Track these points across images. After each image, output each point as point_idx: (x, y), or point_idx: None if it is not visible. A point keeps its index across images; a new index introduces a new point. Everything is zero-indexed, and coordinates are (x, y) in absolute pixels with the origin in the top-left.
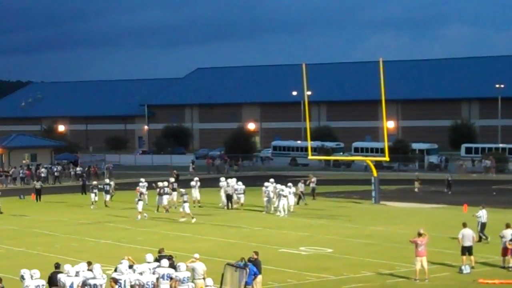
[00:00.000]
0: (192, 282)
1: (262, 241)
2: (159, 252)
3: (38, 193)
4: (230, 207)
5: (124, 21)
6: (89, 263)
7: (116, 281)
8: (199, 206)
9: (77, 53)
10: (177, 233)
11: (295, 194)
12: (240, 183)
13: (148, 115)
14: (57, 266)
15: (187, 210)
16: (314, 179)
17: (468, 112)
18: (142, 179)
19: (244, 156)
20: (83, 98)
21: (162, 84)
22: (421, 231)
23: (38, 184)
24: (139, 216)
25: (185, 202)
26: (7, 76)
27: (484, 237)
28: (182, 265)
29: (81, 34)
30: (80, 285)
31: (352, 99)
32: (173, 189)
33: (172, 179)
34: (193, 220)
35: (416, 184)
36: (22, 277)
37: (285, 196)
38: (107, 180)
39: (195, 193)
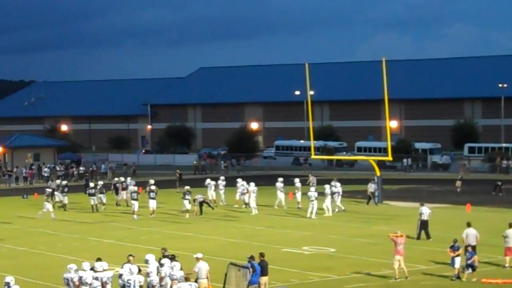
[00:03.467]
0: (196, 282)
1: (265, 240)
2: (163, 251)
3: (53, 193)
4: (200, 212)
5: (127, 21)
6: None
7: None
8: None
9: (80, 52)
10: (180, 232)
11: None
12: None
13: (151, 114)
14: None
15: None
16: (312, 179)
17: (471, 112)
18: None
19: (247, 155)
20: (86, 97)
21: (165, 84)
22: (399, 232)
23: (53, 184)
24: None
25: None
26: (10, 75)
27: (416, 235)
28: (177, 265)
29: (84, 34)
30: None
31: (355, 98)
32: (124, 188)
33: (122, 179)
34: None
35: (458, 183)
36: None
37: (333, 194)
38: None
39: (221, 192)
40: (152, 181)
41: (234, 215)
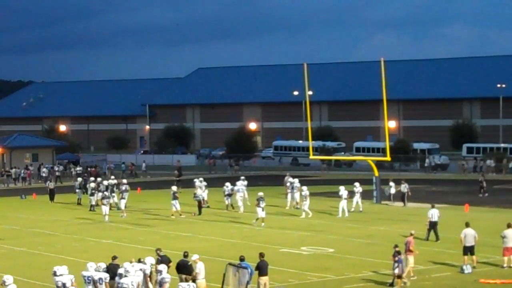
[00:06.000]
0: (194, 282)
1: (263, 241)
2: (158, 252)
3: (52, 193)
4: (200, 212)
5: (125, 21)
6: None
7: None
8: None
9: (79, 52)
10: (178, 233)
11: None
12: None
13: (149, 115)
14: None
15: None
16: (287, 178)
17: (469, 112)
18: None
19: (245, 156)
20: (85, 98)
21: (164, 84)
22: (412, 232)
23: (52, 185)
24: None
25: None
26: (9, 76)
27: (436, 237)
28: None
29: (83, 34)
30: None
31: (353, 99)
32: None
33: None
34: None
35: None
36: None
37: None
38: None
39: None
40: (124, 181)
41: (233, 215)
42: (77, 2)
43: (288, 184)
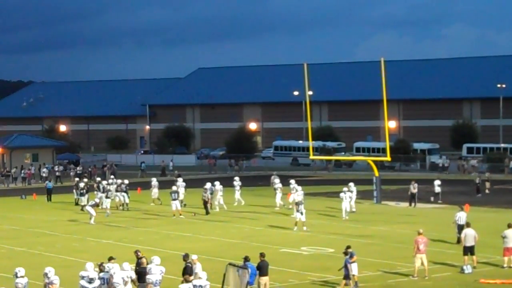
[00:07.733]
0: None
1: (263, 241)
2: (137, 254)
3: (49, 193)
4: (207, 212)
5: (125, 21)
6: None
7: None
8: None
9: (79, 52)
10: (179, 233)
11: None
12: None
13: (149, 115)
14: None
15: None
16: (274, 178)
17: (469, 112)
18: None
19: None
20: (85, 98)
21: (164, 84)
22: (420, 231)
23: (50, 184)
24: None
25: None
26: (9, 76)
27: (457, 239)
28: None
29: (82, 34)
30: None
31: (353, 99)
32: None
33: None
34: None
35: (487, 184)
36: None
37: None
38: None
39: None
40: (112, 181)
41: (233, 215)
42: (77, 2)
43: (275, 184)
